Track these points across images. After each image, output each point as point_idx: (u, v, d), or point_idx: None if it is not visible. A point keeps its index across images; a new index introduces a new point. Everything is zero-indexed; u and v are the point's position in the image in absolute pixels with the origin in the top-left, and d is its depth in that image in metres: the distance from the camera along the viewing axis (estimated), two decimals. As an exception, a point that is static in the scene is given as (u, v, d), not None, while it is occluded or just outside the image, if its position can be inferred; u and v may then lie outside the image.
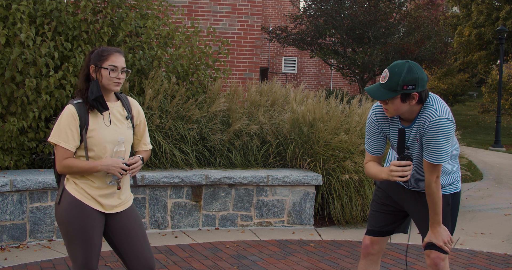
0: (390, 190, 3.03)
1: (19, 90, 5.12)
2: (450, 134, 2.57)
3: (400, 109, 2.61)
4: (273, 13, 21.47)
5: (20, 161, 5.39)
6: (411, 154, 2.68)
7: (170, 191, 5.45)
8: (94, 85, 2.67)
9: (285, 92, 7.45)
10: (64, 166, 2.63)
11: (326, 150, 6.02)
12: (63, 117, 2.65)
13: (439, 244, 2.76)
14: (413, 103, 2.59)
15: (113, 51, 2.71)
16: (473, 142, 16.41)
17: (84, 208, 2.66)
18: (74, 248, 2.66)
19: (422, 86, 2.55)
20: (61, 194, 2.69)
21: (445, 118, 2.55)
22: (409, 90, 2.52)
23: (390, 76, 2.53)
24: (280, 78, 21.16)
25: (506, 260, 4.86)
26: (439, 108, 2.58)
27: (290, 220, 5.78)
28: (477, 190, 8.55)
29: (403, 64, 2.54)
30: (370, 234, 3.08)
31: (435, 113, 2.57)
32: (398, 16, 16.82)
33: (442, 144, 2.56)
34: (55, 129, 2.65)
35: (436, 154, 2.59)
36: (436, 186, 2.67)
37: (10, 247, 4.72)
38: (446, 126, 2.55)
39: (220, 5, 8.96)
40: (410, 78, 2.51)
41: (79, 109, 2.65)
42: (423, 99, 2.60)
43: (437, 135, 2.55)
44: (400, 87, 2.51)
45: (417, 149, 2.72)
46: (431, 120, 2.56)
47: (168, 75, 6.17)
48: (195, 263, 4.45)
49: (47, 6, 5.27)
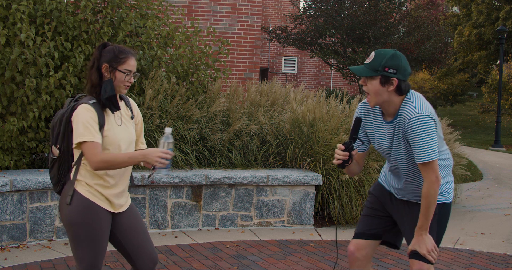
0: (381, 196, 2.99)
1: (19, 90, 5.12)
2: (432, 131, 2.54)
3: (379, 93, 2.61)
4: (273, 13, 21.47)
5: (20, 161, 5.39)
6: (353, 147, 2.70)
7: (170, 191, 5.45)
8: (108, 84, 2.63)
9: (285, 92, 7.45)
10: (102, 161, 2.55)
11: (326, 150, 6.02)
12: (80, 115, 2.57)
13: (422, 252, 2.67)
14: (391, 89, 2.59)
15: (130, 54, 2.68)
16: (473, 142, 16.41)
17: (96, 210, 2.65)
18: (82, 249, 2.64)
19: (403, 75, 2.59)
20: (71, 195, 2.63)
21: (424, 115, 2.54)
22: (390, 74, 2.57)
23: (374, 57, 2.61)
24: (280, 78, 21.16)
25: (506, 260, 4.86)
26: (419, 105, 2.58)
27: (290, 220, 5.78)
28: (477, 190, 8.55)
29: (390, 50, 2.62)
30: (356, 237, 2.98)
31: (414, 110, 2.56)
32: (398, 16, 16.82)
33: (426, 141, 2.53)
34: (78, 130, 2.56)
35: (423, 152, 2.55)
36: (435, 188, 2.60)
37: (10, 247, 4.72)
38: (426, 123, 2.53)
39: (220, 5, 8.96)
40: (393, 62, 2.57)
41: (96, 108, 2.62)
42: (402, 89, 2.60)
43: (418, 132, 2.53)
44: (382, 68, 2.57)
45: (403, 151, 2.68)
46: (410, 118, 2.55)
47: (168, 75, 6.17)
48: (195, 263, 4.45)
49: (47, 6, 5.27)
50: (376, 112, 2.77)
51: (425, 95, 22.55)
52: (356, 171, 2.96)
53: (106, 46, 2.72)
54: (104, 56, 2.67)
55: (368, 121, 2.82)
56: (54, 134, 2.71)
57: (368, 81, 2.63)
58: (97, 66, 2.67)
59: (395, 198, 2.93)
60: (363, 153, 2.93)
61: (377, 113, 2.77)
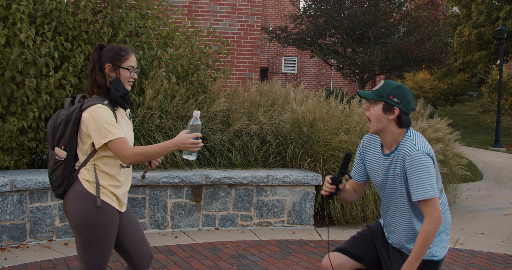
0: (375, 231, 2.96)
1: (19, 90, 5.12)
2: (430, 169, 2.57)
3: (380, 120, 2.67)
4: (273, 13, 21.46)
5: (20, 161, 5.39)
6: (343, 182, 2.76)
7: (170, 191, 5.45)
8: (118, 82, 2.66)
9: (285, 92, 7.45)
10: (135, 153, 2.55)
11: (326, 150, 6.02)
12: (101, 115, 2.56)
13: None
14: (392, 118, 2.65)
15: (130, 51, 2.71)
16: (473, 142, 16.41)
17: (111, 211, 2.66)
18: (93, 251, 2.64)
19: (405, 107, 2.66)
20: (99, 196, 2.61)
21: (424, 154, 2.58)
22: (393, 102, 2.64)
23: (382, 85, 2.71)
24: (280, 78, 21.15)
25: (506, 260, 4.86)
26: (418, 143, 2.62)
27: (290, 220, 5.78)
28: (477, 190, 8.55)
29: (398, 82, 2.72)
30: (335, 250, 2.90)
31: (414, 148, 2.60)
32: (398, 16, 16.82)
33: (425, 178, 2.55)
34: (103, 129, 2.55)
35: (422, 189, 2.55)
36: (436, 225, 2.53)
37: (10, 247, 4.72)
38: (425, 161, 2.57)
39: (220, 5, 8.96)
40: (398, 92, 2.66)
41: (110, 108, 2.63)
42: (402, 121, 2.66)
43: (418, 170, 2.57)
44: (387, 95, 2.65)
45: (397, 188, 2.68)
46: (410, 155, 2.59)
47: (168, 75, 6.17)
48: (195, 263, 4.45)
49: (47, 6, 5.27)
50: (377, 144, 2.83)
51: (425, 95, 22.58)
52: (350, 200, 2.95)
53: (102, 47, 2.73)
54: (104, 56, 2.68)
55: (368, 152, 2.87)
56: (57, 135, 2.65)
57: (372, 106, 2.71)
58: (98, 67, 2.68)
59: (389, 244, 2.89)
60: (363, 183, 2.96)
61: (377, 145, 2.83)
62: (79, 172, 2.66)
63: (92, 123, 2.57)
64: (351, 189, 2.94)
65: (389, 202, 2.78)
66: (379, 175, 2.77)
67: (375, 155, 2.82)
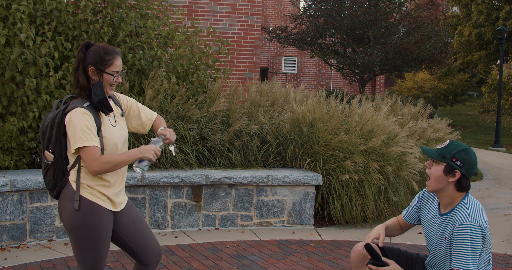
0: (416, 265, 3.01)
1: (19, 90, 5.12)
2: (478, 242, 2.54)
3: (440, 180, 2.66)
4: (273, 13, 21.46)
5: (20, 161, 5.39)
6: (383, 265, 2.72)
7: (170, 191, 5.45)
8: (98, 87, 2.61)
9: (285, 92, 7.45)
10: (103, 163, 2.55)
11: (326, 150, 6.02)
12: (77, 119, 2.55)
13: None
14: (452, 181, 2.64)
15: (115, 54, 2.66)
16: (473, 142, 16.41)
17: (100, 211, 2.65)
18: (85, 251, 2.64)
19: (467, 172, 2.64)
20: (78, 200, 2.62)
21: (475, 226, 2.55)
22: (456, 165, 2.62)
23: (447, 145, 2.69)
24: (280, 78, 21.15)
25: (506, 260, 4.86)
26: (473, 212, 2.60)
27: (290, 220, 5.78)
28: (477, 190, 8.55)
29: (465, 145, 2.69)
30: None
31: (467, 217, 2.58)
32: (398, 16, 16.82)
33: (469, 251, 2.53)
34: (76, 134, 2.54)
35: (461, 260, 2.55)
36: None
37: (10, 247, 4.72)
38: (474, 234, 2.54)
39: (220, 5, 8.96)
40: (462, 155, 2.63)
41: (91, 111, 2.60)
42: (462, 184, 2.65)
43: (464, 240, 2.54)
44: (450, 157, 2.63)
45: (443, 250, 2.69)
46: (461, 224, 2.57)
47: (168, 75, 6.17)
48: (195, 263, 4.45)
49: (47, 6, 5.27)
50: (435, 200, 2.84)
51: (425, 95, 22.57)
52: (392, 235, 3.09)
53: (89, 46, 2.68)
54: (88, 57, 2.63)
55: (425, 206, 2.89)
56: (46, 138, 2.66)
57: (433, 165, 2.70)
58: (82, 68, 2.64)
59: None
60: (410, 225, 3.02)
61: (435, 201, 2.84)
62: (69, 173, 2.67)
63: (70, 127, 2.57)
64: (396, 227, 3.01)
65: (435, 259, 2.80)
66: (432, 230, 2.79)
67: (431, 211, 2.83)
